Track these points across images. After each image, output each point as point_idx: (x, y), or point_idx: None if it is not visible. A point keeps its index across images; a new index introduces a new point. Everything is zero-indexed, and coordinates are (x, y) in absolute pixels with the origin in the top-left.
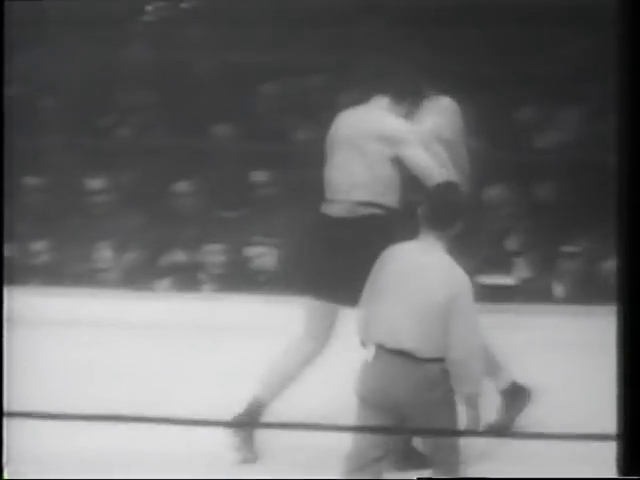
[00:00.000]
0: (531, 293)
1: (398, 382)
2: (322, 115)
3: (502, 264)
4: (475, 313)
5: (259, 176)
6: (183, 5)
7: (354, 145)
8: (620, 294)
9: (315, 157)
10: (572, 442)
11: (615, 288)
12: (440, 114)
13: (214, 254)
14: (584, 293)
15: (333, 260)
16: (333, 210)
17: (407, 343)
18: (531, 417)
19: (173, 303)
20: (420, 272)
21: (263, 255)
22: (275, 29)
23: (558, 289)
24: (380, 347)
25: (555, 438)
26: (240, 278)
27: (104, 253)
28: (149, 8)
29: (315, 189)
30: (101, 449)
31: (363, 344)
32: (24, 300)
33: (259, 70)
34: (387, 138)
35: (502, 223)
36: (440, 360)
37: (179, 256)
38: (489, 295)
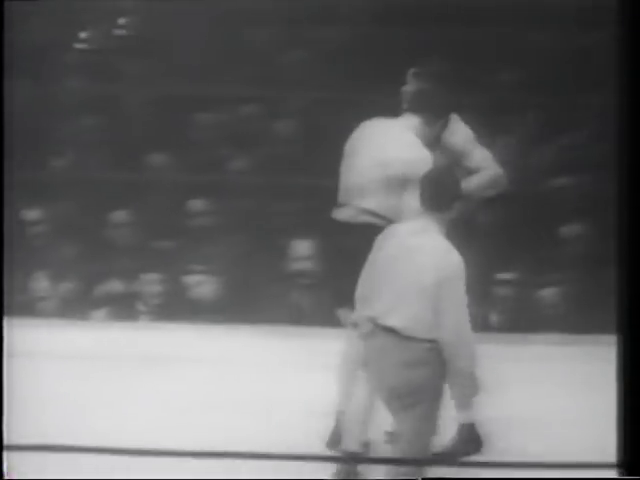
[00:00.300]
0: None
1: (387, 358)
2: (256, 144)
3: None
4: (464, 295)
5: (195, 205)
6: (117, 35)
7: (369, 152)
8: (620, 323)
9: (250, 186)
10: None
11: (615, 317)
12: (458, 132)
13: (151, 284)
14: (518, 321)
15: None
16: (342, 215)
17: (396, 321)
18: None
19: (110, 333)
20: (413, 253)
21: (201, 284)
22: (208, 59)
23: (493, 317)
24: (374, 323)
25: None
26: (178, 307)
27: (41, 283)
28: (83, 38)
29: (250, 218)
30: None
31: (359, 322)
32: None
33: (193, 100)
34: (404, 163)
35: None
36: (428, 340)
37: (116, 286)
38: None
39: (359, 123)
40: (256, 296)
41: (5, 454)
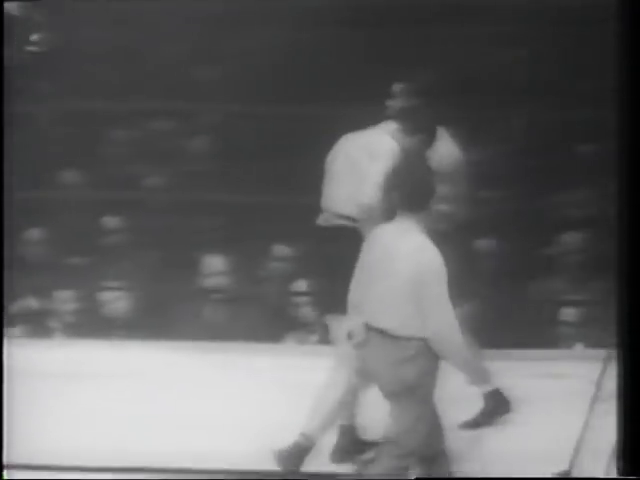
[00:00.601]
0: None
1: (380, 359)
2: (170, 160)
3: None
4: (445, 290)
5: (109, 222)
6: (29, 52)
7: (347, 161)
8: (620, 339)
9: (164, 202)
10: None
11: (614, 332)
12: (444, 146)
13: (65, 301)
14: None
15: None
16: (320, 220)
17: (385, 322)
18: None
19: (25, 350)
20: (394, 253)
21: (115, 300)
22: (121, 75)
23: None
24: (366, 326)
25: None
26: (92, 324)
27: None
28: None
29: (165, 234)
30: None
31: (354, 331)
32: None
33: (106, 116)
34: (375, 153)
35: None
36: (416, 339)
37: (30, 303)
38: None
39: (276, 137)
40: (170, 312)
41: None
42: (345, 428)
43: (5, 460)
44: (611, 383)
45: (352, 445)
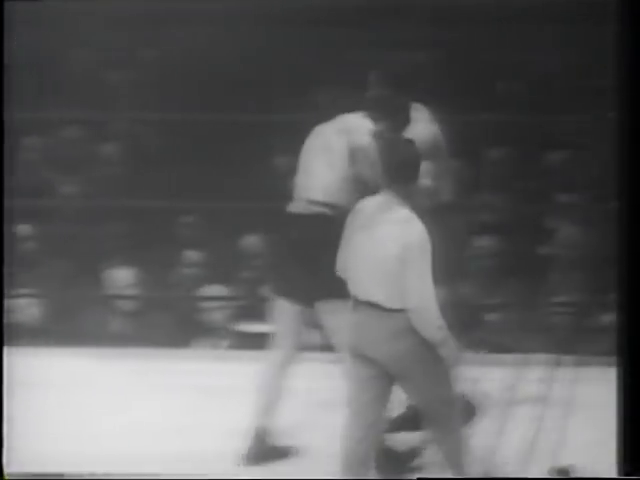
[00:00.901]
0: None
1: (372, 332)
2: (82, 168)
3: (259, 312)
4: (429, 265)
5: (21, 230)
6: None
7: (320, 145)
8: (620, 348)
9: (75, 210)
10: None
11: (616, 342)
12: (420, 124)
13: None
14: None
15: (294, 258)
16: (292, 208)
17: (374, 295)
18: None
19: None
20: (379, 226)
21: (26, 308)
22: (34, 82)
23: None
24: (355, 299)
25: None
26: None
27: None
28: None
29: (75, 241)
30: None
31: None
32: None
33: (17, 123)
34: (347, 129)
35: (258, 272)
36: (406, 310)
37: None
38: (250, 343)
39: (186, 144)
40: (80, 319)
41: None
42: (260, 430)
43: None
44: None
45: (264, 449)
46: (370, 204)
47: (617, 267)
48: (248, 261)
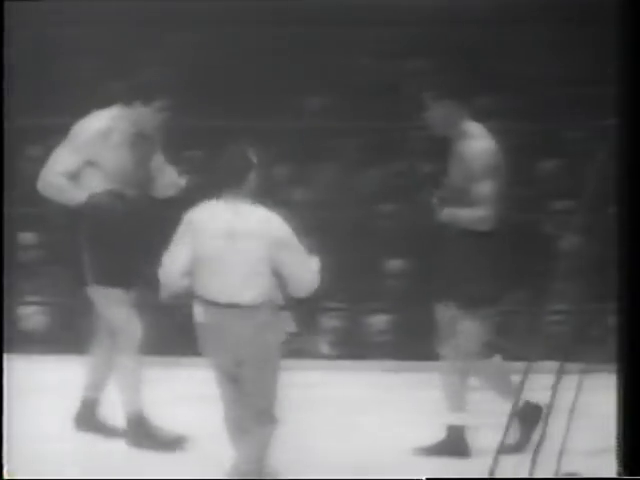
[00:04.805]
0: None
1: (235, 332)
2: None
3: None
4: (302, 246)
5: (25, 239)
6: None
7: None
8: (620, 353)
9: None
10: None
11: (615, 346)
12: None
13: None
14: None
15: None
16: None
17: (238, 296)
18: None
19: None
20: (239, 229)
21: (33, 315)
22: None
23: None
24: (213, 304)
25: None
26: (11, 338)
27: None
28: None
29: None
30: None
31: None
32: None
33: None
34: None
35: None
36: (269, 305)
37: None
38: None
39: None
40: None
41: None
42: (132, 415)
43: None
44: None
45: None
46: (217, 209)
47: (617, 274)
48: None
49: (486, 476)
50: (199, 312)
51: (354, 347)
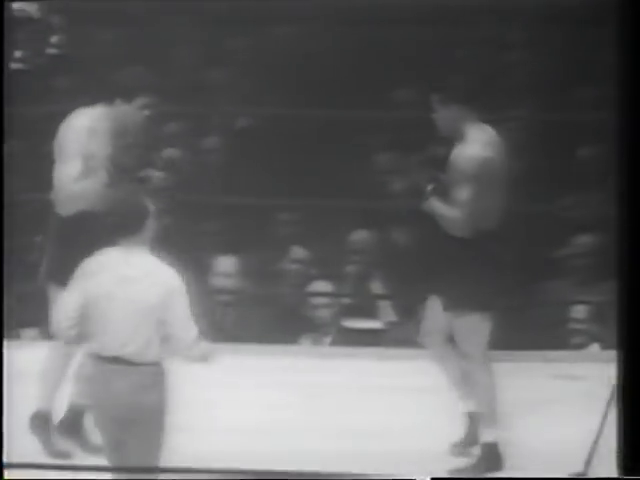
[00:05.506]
0: (396, 337)
1: (117, 388)
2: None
3: (367, 308)
4: (187, 306)
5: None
6: None
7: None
8: (620, 340)
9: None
10: None
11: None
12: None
13: None
14: None
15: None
16: None
17: (123, 349)
18: None
19: None
20: (129, 278)
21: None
22: None
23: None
24: (95, 356)
25: None
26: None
27: None
28: None
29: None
30: None
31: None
32: None
33: None
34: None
35: (366, 267)
36: (155, 364)
37: None
38: (355, 339)
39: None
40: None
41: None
42: (40, 414)
43: None
44: None
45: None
46: (111, 257)
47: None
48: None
49: None
50: (83, 364)
51: None
